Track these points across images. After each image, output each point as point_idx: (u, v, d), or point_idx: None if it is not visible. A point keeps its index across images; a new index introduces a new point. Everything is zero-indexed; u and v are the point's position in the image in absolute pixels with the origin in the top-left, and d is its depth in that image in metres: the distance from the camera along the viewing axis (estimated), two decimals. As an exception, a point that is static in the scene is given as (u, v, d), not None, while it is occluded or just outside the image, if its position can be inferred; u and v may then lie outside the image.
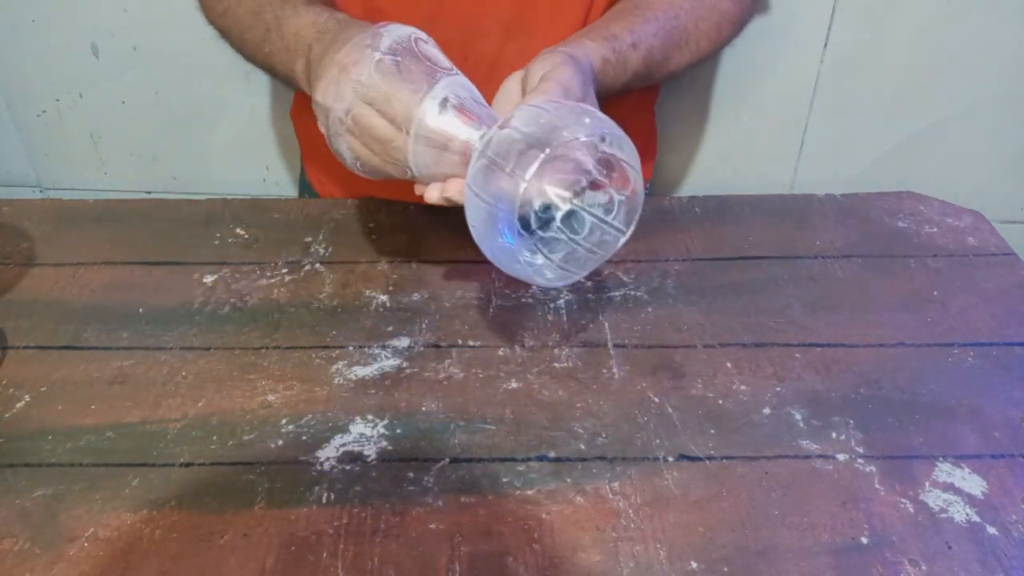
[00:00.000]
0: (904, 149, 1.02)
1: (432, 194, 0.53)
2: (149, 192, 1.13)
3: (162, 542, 0.47)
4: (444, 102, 0.51)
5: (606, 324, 0.62)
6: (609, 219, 0.50)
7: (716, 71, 0.99)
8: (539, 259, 0.49)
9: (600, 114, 0.50)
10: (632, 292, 0.65)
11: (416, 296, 0.65)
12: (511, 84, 0.58)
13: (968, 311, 0.63)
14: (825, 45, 0.95)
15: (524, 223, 0.48)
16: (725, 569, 0.46)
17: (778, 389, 0.57)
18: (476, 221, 0.49)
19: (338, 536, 0.48)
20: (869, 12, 0.93)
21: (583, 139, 0.47)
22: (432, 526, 0.48)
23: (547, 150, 0.46)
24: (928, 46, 0.94)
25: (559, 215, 0.49)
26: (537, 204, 0.48)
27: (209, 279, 0.67)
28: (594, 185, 0.49)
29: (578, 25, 0.72)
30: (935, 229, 0.73)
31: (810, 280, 0.67)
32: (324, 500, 0.50)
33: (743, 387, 0.57)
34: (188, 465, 0.52)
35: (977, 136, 1.01)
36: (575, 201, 0.49)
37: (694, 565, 0.46)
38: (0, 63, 1.02)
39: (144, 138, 1.08)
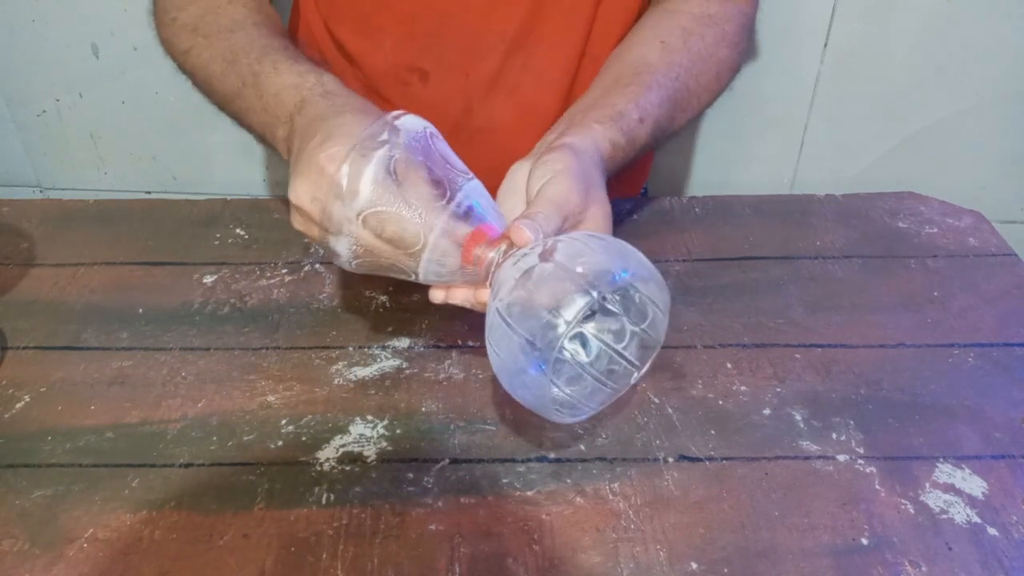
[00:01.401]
0: (904, 149, 1.02)
1: (437, 296, 0.51)
2: (149, 192, 1.13)
3: (162, 543, 0.47)
4: (467, 213, 0.48)
5: (606, 324, 0.62)
6: (619, 347, 0.47)
7: (716, 71, 0.99)
8: (556, 391, 0.46)
9: (638, 255, 0.47)
10: (632, 292, 0.65)
11: (416, 296, 0.65)
12: (517, 176, 0.54)
13: (968, 312, 0.63)
14: (825, 45, 0.95)
15: (531, 344, 0.45)
16: (725, 570, 0.46)
17: (778, 390, 0.57)
18: (502, 350, 0.46)
19: (338, 537, 0.47)
20: (869, 12, 0.93)
21: (628, 280, 0.45)
22: (432, 527, 0.48)
23: (595, 293, 0.43)
24: (928, 46, 0.94)
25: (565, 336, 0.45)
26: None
27: (209, 279, 0.67)
28: (604, 310, 0.46)
29: (580, 43, 0.71)
30: (935, 229, 0.73)
31: (810, 280, 0.67)
32: (324, 501, 0.50)
33: (743, 388, 0.57)
34: (188, 466, 0.52)
35: (977, 136, 1.00)
36: (582, 324, 0.45)
37: (694, 566, 0.46)
38: (0, 63, 1.02)
39: (144, 138, 1.08)
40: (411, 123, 0.49)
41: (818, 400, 0.56)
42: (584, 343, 0.47)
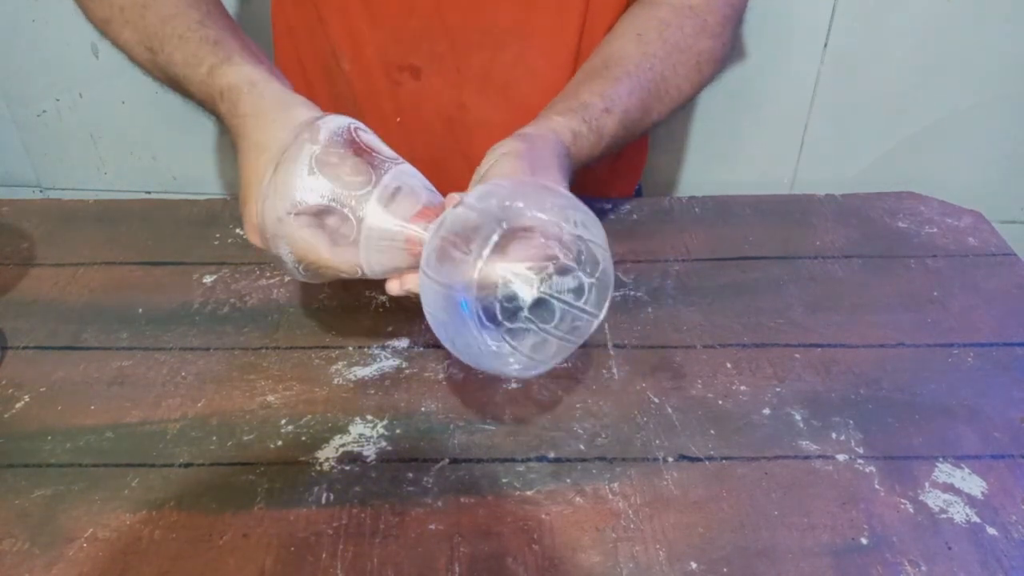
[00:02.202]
0: (904, 149, 1.02)
1: (392, 287, 0.51)
2: (149, 192, 1.13)
3: (161, 542, 0.47)
4: (395, 194, 0.48)
5: (606, 324, 0.62)
6: (580, 303, 0.47)
7: (716, 71, 0.99)
8: (505, 348, 0.46)
9: (562, 191, 0.47)
10: (632, 292, 0.65)
11: (416, 296, 0.65)
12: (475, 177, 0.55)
13: (968, 311, 0.63)
14: (825, 45, 0.95)
15: (490, 315, 0.45)
16: (725, 570, 0.46)
17: (778, 389, 0.57)
18: (433, 308, 0.46)
19: (337, 537, 0.47)
20: (869, 12, 0.93)
21: (544, 217, 0.45)
22: (431, 527, 0.48)
23: (504, 225, 0.43)
24: (928, 46, 0.94)
25: (527, 304, 0.45)
26: (501, 293, 0.45)
27: (209, 279, 0.67)
28: (562, 269, 0.46)
29: (573, 38, 0.71)
30: (935, 229, 0.73)
31: (810, 280, 0.67)
32: (323, 501, 0.50)
33: (743, 387, 0.57)
34: (188, 465, 0.52)
35: (977, 136, 1.00)
36: (542, 288, 0.46)
37: (694, 566, 0.46)
38: (0, 63, 1.02)
39: (144, 138, 1.08)
40: (332, 122, 0.50)
41: (818, 400, 0.56)
42: (545, 307, 0.46)
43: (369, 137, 0.51)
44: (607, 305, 0.48)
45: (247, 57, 0.56)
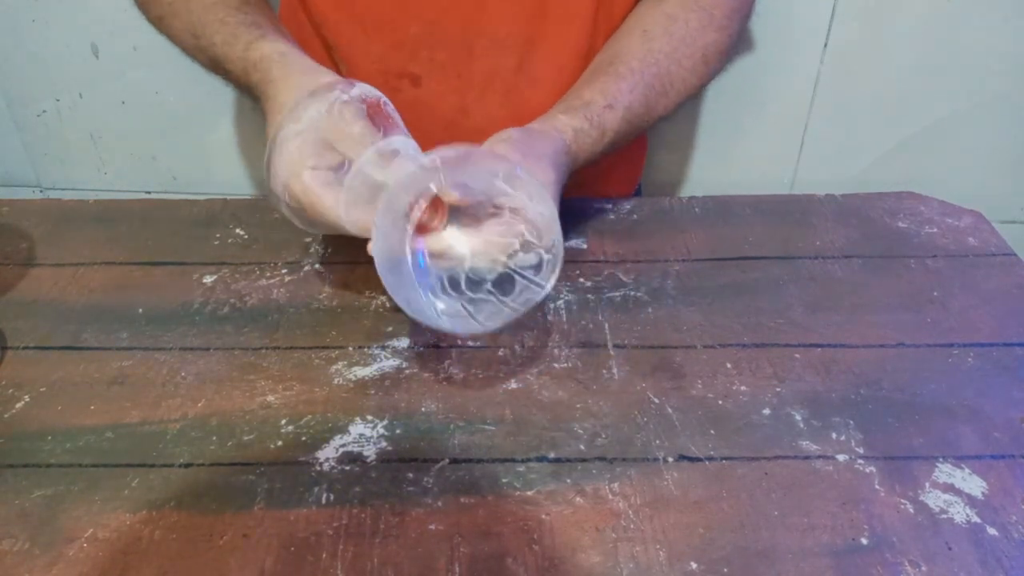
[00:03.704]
0: (904, 149, 1.02)
1: (371, 247, 0.53)
2: (149, 192, 1.13)
3: (161, 543, 0.47)
4: (391, 155, 0.51)
5: (606, 324, 0.62)
6: (538, 279, 0.51)
7: (716, 71, 0.99)
8: (440, 304, 0.50)
9: (512, 160, 0.51)
10: (632, 292, 0.65)
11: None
12: None
13: (968, 311, 0.63)
14: (825, 45, 0.95)
15: (454, 284, 0.49)
16: (725, 570, 0.46)
17: (778, 389, 0.57)
18: (379, 257, 0.50)
19: (338, 537, 0.47)
20: (869, 12, 0.93)
21: (478, 181, 0.49)
22: (432, 527, 0.48)
23: (442, 179, 0.47)
24: (928, 46, 0.94)
25: (491, 280, 0.50)
26: (468, 266, 0.49)
27: (209, 279, 0.67)
28: (526, 246, 0.50)
29: (580, 45, 0.71)
30: (935, 229, 0.73)
31: (810, 280, 0.67)
32: (324, 501, 0.50)
33: (743, 387, 0.57)
34: (188, 466, 0.52)
35: (977, 136, 1.01)
36: (510, 264, 0.50)
37: (694, 566, 0.46)
38: (0, 63, 1.02)
39: (144, 138, 1.08)
40: (366, 86, 0.55)
41: (818, 400, 0.56)
42: (507, 280, 0.51)
43: (392, 111, 0.55)
44: (555, 277, 0.51)
45: (280, 36, 0.62)
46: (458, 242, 0.50)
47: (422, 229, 0.50)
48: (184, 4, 0.66)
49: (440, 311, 0.49)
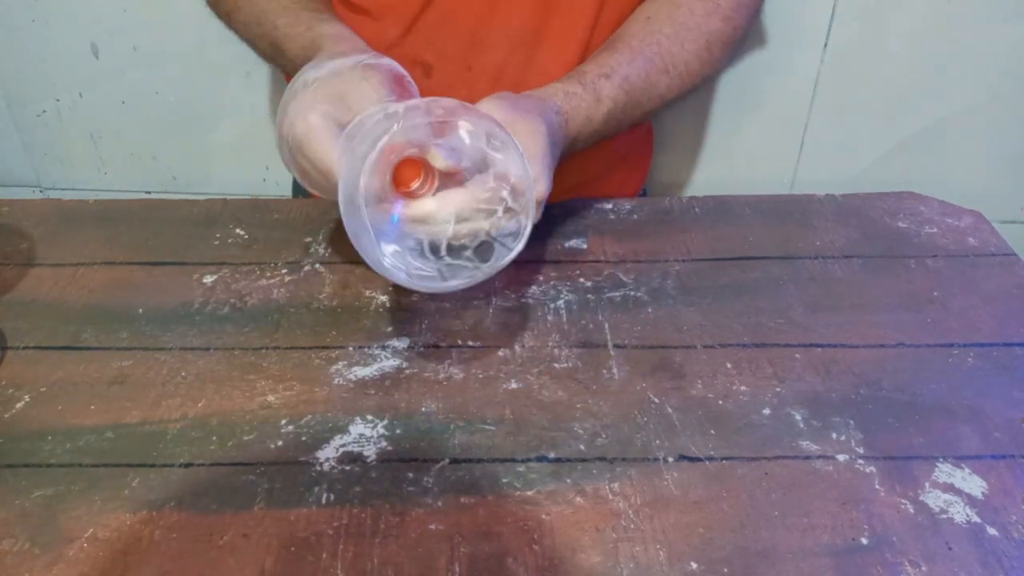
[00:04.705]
0: (904, 149, 1.02)
1: None
2: (149, 192, 1.13)
3: (162, 542, 0.47)
4: (394, 113, 0.52)
5: (606, 324, 0.62)
6: (513, 245, 0.52)
7: (716, 71, 0.99)
8: (390, 249, 0.51)
9: (493, 117, 0.51)
10: (632, 292, 0.65)
11: (416, 296, 0.65)
12: None
13: (968, 311, 0.63)
14: (825, 45, 0.95)
15: (434, 249, 0.50)
16: (725, 570, 0.46)
17: (778, 389, 0.57)
18: (344, 209, 0.50)
19: (338, 537, 0.47)
20: (869, 12, 0.93)
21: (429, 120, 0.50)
22: (432, 527, 0.48)
23: (396, 125, 0.48)
24: (928, 46, 0.94)
25: (473, 246, 0.51)
26: (451, 232, 0.50)
27: (209, 279, 0.67)
28: (508, 211, 0.51)
29: (584, 38, 0.71)
30: (935, 229, 0.73)
31: (810, 280, 0.67)
32: (324, 501, 0.50)
33: (743, 387, 0.57)
34: (188, 466, 0.52)
35: (977, 136, 1.01)
36: (492, 233, 0.51)
37: (694, 566, 0.46)
38: (0, 63, 1.02)
39: (144, 138, 1.08)
40: (395, 64, 0.56)
41: (818, 400, 0.56)
42: (487, 248, 0.52)
43: (415, 91, 0.57)
44: (525, 242, 0.52)
45: (338, 21, 0.67)
46: (443, 210, 0.50)
47: (410, 195, 0.51)
48: None
49: (392, 264, 0.50)
